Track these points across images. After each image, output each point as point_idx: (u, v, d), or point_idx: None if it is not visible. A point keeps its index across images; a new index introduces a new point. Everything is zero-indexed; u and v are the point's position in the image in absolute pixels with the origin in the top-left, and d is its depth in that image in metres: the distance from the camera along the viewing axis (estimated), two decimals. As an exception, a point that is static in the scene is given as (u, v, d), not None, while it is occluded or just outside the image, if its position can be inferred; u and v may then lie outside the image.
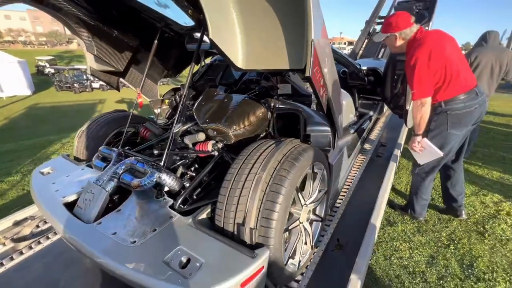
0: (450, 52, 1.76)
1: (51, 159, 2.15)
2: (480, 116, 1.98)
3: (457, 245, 2.14)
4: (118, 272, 1.11)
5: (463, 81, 1.81)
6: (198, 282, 0.99)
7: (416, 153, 2.07)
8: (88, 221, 1.41)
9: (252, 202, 1.19)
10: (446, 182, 2.42)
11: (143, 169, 1.50)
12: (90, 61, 2.33)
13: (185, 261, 1.10)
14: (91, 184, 1.54)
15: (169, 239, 1.21)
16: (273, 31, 1.24)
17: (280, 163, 1.26)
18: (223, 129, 1.67)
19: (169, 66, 2.73)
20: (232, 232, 1.24)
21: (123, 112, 2.56)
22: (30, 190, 1.77)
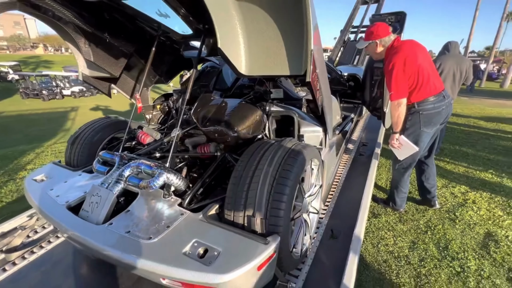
0: (422, 59, 2.02)
1: (43, 167, 2.11)
2: (447, 116, 2.27)
3: (433, 231, 2.40)
4: (139, 266, 1.16)
5: (433, 85, 2.08)
6: (219, 268, 1.08)
7: (395, 149, 2.31)
8: (97, 223, 1.43)
9: (261, 195, 1.30)
10: (421, 176, 2.70)
11: (150, 170, 1.55)
12: (82, 68, 2.33)
13: (202, 252, 1.18)
14: (96, 187, 1.57)
15: (184, 234, 1.29)
16: (274, 40, 1.38)
17: (284, 159, 1.39)
18: (225, 131, 1.77)
19: (162, 72, 2.78)
20: (242, 224, 1.34)
21: (116, 118, 2.57)
22: (27, 198, 1.74)
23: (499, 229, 2.42)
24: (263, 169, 1.36)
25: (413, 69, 1.99)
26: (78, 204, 1.61)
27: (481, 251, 2.15)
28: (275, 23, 1.34)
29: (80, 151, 2.15)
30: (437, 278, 1.89)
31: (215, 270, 1.07)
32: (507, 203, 2.84)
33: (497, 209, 2.74)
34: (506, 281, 1.86)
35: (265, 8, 1.32)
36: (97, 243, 1.29)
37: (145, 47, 2.37)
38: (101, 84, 2.55)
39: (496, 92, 13.78)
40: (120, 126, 2.43)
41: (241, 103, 2.01)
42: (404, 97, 2.04)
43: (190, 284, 1.12)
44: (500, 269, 1.97)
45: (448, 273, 1.93)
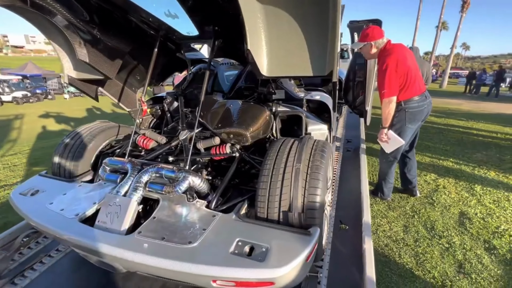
0: (410, 62, 2.28)
1: (29, 180, 1.88)
2: (427, 114, 2.56)
3: (419, 215, 2.69)
4: (186, 270, 1.11)
5: (417, 86, 2.35)
6: (273, 263, 1.10)
7: (383, 143, 2.55)
8: (121, 233, 1.35)
9: (296, 190, 1.35)
10: (404, 168, 2.99)
11: (174, 175, 1.50)
12: (68, 70, 2.14)
13: (248, 250, 1.19)
14: (111, 196, 1.46)
15: (223, 234, 1.27)
16: (296, 43, 1.45)
17: (312, 155, 1.46)
18: (242, 132, 1.78)
19: (154, 73, 2.66)
20: (277, 220, 1.37)
21: (107, 123, 2.39)
22: (23, 215, 1.55)
23: (469, 208, 2.81)
24: (293, 166, 1.41)
25: (404, 70, 2.23)
26: (88, 216, 1.49)
27: (460, 228, 2.48)
28: (298, 27, 1.41)
29: (73, 160, 1.97)
30: (432, 255, 2.13)
31: (270, 265, 1.09)
32: (469, 186, 3.31)
33: (463, 192, 3.18)
34: (485, 251, 2.18)
35: (290, 13, 1.38)
36: (132, 253, 1.21)
37: (139, 47, 2.26)
38: (88, 87, 2.37)
39: (437, 92, 15.74)
40: (113, 132, 2.27)
41: (251, 105, 2.04)
42: (395, 95, 2.27)
43: (244, 282, 1.12)
44: (478, 242, 2.29)
45: (439, 250, 2.19)
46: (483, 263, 2.04)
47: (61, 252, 1.95)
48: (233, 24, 1.89)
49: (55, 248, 1.98)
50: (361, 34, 2.43)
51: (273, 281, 1.09)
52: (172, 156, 1.89)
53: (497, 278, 1.90)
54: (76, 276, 1.79)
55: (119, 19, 1.87)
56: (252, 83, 2.50)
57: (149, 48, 2.23)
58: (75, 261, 1.89)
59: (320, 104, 2.36)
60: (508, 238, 2.32)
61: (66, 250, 1.97)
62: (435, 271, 1.97)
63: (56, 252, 1.95)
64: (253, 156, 1.81)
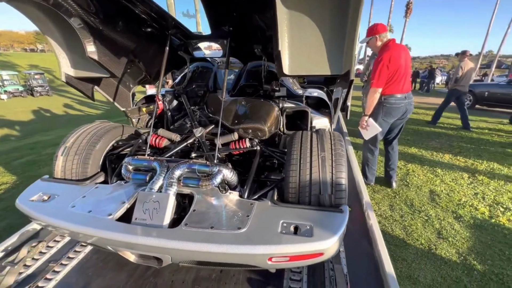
0: (403, 61, 2.60)
1: (32, 186, 1.76)
2: (405, 113, 2.85)
3: (399, 195, 3.11)
4: (245, 252, 1.21)
5: (401, 85, 2.68)
6: (321, 237, 1.26)
7: (363, 130, 2.86)
8: (163, 227, 1.39)
9: (325, 175, 1.52)
10: (387, 160, 3.36)
11: (208, 169, 1.57)
12: (65, 67, 2.05)
13: (293, 229, 1.34)
14: (146, 194, 1.49)
15: (266, 219, 1.39)
16: (317, 44, 1.62)
17: (333, 145, 1.65)
18: (261, 127, 1.90)
19: (153, 71, 2.62)
20: (308, 202, 1.53)
21: (108, 123, 2.30)
22: (43, 221, 1.48)
23: (436, 187, 3.32)
24: (319, 154, 1.59)
25: (395, 67, 2.55)
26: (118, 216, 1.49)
27: (432, 203, 2.93)
28: (318, 30, 1.58)
29: (81, 163, 1.89)
30: (416, 226, 2.52)
31: (319, 239, 1.25)
32: (432, 169, 3.88)
33: (428, 174, 3.72)
34: (454, 220, 2.64)
35: (311, 16, 1.54)
36: (188, 243, 1.26)
37: (144, 44, 2.24)
38: (85, 86, 2.27)
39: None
40: (118, 132, 2.21)
41: (261, 101, 2.17)
42: (381, 87, 2.60)
43: (297, 256, 1.26)
44: (448, 213, 2.76)
45: (421, 222, 2.59)
46: (455, 228, 2.48)
47: (73, 258, 1.86)
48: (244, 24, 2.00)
49: (65, 256, 1.89)
50: (368, 30, 2.74)
51: (322, 252, 1.25)
52: (195, 153, 1.94)
53: (467, 239, 2.34)
54: (100, 279, 1.74)
55: (131, 15, 1.84)
56: (254, 81, 2.62)
57: (152, 45, 2.21)
58: (93, 265, 1.82)
59: (318, 100, 2.59)
60: (469, 208, 2.83)
61: (78, 256, 1.89)
62: (421, 238, 2.34)
63: (68, 259, 1.86)
64: (272, 149, 1.95)
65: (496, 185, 3.39)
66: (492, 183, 3.43)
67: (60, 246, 1.98)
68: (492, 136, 5.74)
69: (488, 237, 2.36)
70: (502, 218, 2.65)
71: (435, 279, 1.88)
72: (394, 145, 3.20)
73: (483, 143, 5.25)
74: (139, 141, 2.14)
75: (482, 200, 3.01)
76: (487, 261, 2.07)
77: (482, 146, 5.01)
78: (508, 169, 3.90)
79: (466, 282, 1.86)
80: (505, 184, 3.40)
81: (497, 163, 4.12)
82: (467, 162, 4.18)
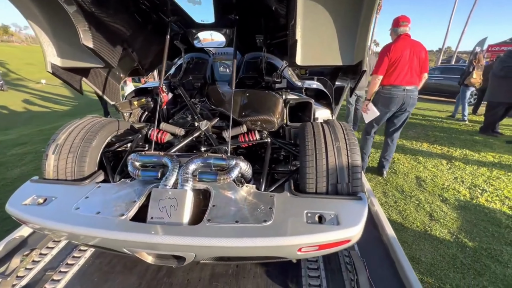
0: (406, 53, 2.73)
1: (21, 188, 1.58)
2: (402, 105, 2.93)
3: (389, 182, 3.27)
4: (275, 244, 1.19)
5: (400, 77, 2.80)
6: (347, 225, 1.28)
7: (364, 114, 3.03)
8: (184, 224, 1.32)
9: (342, 165, 1.55)
10: (383, 151, 3.49)
11: (225, 163, 1.52)
12: (51, 56, 1.86)
13: (317, 218, 1.34)
14: (161, 191, 1.40)
15: (289, 210, 1.38)
16: (329, 34, 1.62)
17: (346, 135, 1.68)
18: (271, 119, 1.88)
19: (146, 62, 2.46)
20: (326, 191, 1.55)
21: (101, 118, 2.14)
22: (46, 226, 1.34)
23: (421, 173, 3.55)
24: (333, 144, 1.60)
25: (395, 57, 2.72)
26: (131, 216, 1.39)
27: (420, 188, 3.13)
28: (331, 19, 1.58)
29: (77, 160, 1.73)
30: (410, 210, 2.67)
31: (346, 227, 1.27)
32: (415, 157, 4.13)
33: (412, 161, 3.96)
34: (442, 202, 2.84)
35: (325, 5, 1.53)
36: (216, 239, 1.22)
37: (139, 32, 2.09)
38: (72, 77, 2.08)
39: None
40: (114, 127, 2.06)
41: (266, 93, 2.13)
42: (381, 74, 2.79)
43: (326, 245, 1.27)
44: (435, 196, 2.96)
45: (413, 206, 2.75)
46: (444, 210, 2.67)
47: (72, 265, 1.72)
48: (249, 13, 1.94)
49: (63, 263, 1.74)
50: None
51: (350, 238, 1.28)
52: (204, 147, 1.86)
53: (455, 219, 2.53)
54: (108, 284, 1.62)
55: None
56: (253, 72, 2.56)
57: (149, 33, 2.08)
58: (97, 270, 1.70)
59: (317, 92, 2.61)
60: (452, 191, 3.07)
61: (79, 261, 1.74)
62: (416, 221, 2.49)
63: (68, 266, 1.71)
64: (281, 141, 1.93)
65: (471, 169, 3.70)
66: (468, 168, 3.74)
67: (54, 253, 1.81)
68: (460, 126, 6.24)
69: (472, 216, 2.57)
70: (481, 199, 2.90)
71: (435, 257, 2.02)
72: (394, 137, 3.29)
73: (453, 132, 5.69)
74: (139, 136, 2.01)
75: (462, 183, 3.27)
76: (475, 238, 2.26)
77: (453, 135, 5.44)
78: (478, 155, 4.27)
79: (462, 258, 2.02)
80: (478, 169, 3.73)
81: (468, 149, 4.50)
82: (443, 150, 4.51)
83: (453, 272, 1.88)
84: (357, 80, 1.81)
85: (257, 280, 1.60)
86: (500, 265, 1.96)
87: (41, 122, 9.01)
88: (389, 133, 3.32)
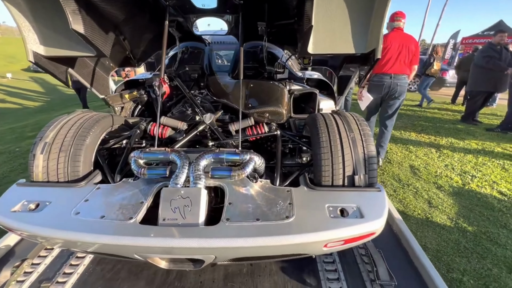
0: (395, 44, 2.85)
1: (6, 193, 1.41)
2: (388, 92, 3.10)
3: (386, 171, 3.32)
4: (301, 241, 1.13)
5: (388, 66, 2.96)
6: (371, 217, 1.24)
7: (359, 101, 3.12)
8: (200, 225, 1.23)
9: (358, 156, 1.50)
10: (379, 138, 3.55)
11: (239, 158, 1.43)
12: (33, 44, 1.66)
13: (339, 212, 1.30)
14: (173, 190, 1.30)
15: (309, 204, 1.32)
16: (341, 22, 1.55)
17: (360, 125, 1.63)
18: (280, 110, 1.80)
19: (138, 51, 2.28)
20: (342, 184, 1.51)
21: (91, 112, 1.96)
22: (37, 235, 1.20)
23: (413, 162, 3.64)
24: (348, 135, 1.56)
25: (384, 48, 2.74)
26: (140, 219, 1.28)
27: (416, 177, 3.21)
28: (345, 6, 1.52)
29: (70, 160, 1.56)
30: (409, 199, 2.72)
31: (371, 219, 1.23)
32: (405, 146, 4.24)
33: (404, 151, 4.06)
34: (437, 189, 2.92)
35: None
36: (240, 239, 1.13)
37: (133, 17, 1.91)
38: (57, 68, 1.89)
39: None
40: (108, 123, 1.89)
41: (271, 84, 2.04)
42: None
43: (351, 239, 1.23)
44: (430, 184, 3.05)
45: (412, 194, 2.81)
46: (440, 197, 2.75)
47: (71, 274, 1.57)
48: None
49: (59, 272, 1.58)
50: None
51: (375, 231, 1.24)
52: (209, 141, 1.75)
53: (452, 205, 2.62)
54: (113, 293, 1.50)
55: None
56: (253, 62, 2.46)
57: (143, 19, 1.91)
58: (100, 277, 1.56)
59: (319, 82, 2.56)
60: (445, 178, 3.17)
61: (77, 270, 1.60)
62: (417, 209, 2.54)
63: (66, 276, 1.56)
64: (290, 133, 1.86)
65: (459, 156, 3.85)
66: (456, 155, 3.89)
67: (48, 262, 1.65)
68: (442, 115, 6.50)
69: (467, 202, 2.67)
70: (472, 184, 3.02)
71: (440, 243, 2.07)
72: (388, 125, 3.42)
73: (437, 121, 5.92)
74: (137, 132, 1.85)
75: (453, 170, 3.40)
76: (473, 222, 2.34)
77: (438, 124, 5.65)
78: (463, 143, 4.46)
79: (464, 243, 2.09)
80: (465, 156, 3.89)
81: (453, 137, 4.69)
82: (431, 138, 4.67)
83: (459, 257, 1.94)
84: (369, 68, 1.77)
85: (274, 278, 1.55)
86: (499, 247, 2.04)
87: (11, 120, 8.33)
88: (382, 120, 3.45)
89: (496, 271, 1.83)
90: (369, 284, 1.50)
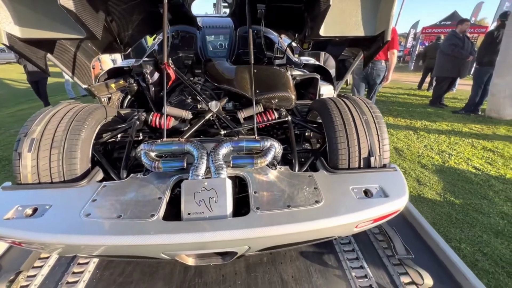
0: None
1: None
2: (369, 74, 3.48)
3: (374, 155, 3.48)
4: (335, 224, 1.13)
5: None
6: (395, 196, 1.27)
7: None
8: (228, 216, 1.17)
9: (372, 138, 1.52)
10: None
11: (259, 145, 1.37)
12: (6, 24, 1.43)
13: (363, 193, 1.32)
14: (195, 182, 1.22)
15: (335, 188, 1.32)
16: (351, 4, 1.54)
17: (369, 108, 1.66)
18: (288, 96, 1.75)
19: (125, 35, 2.06)
20: (358, 166, 1.53)
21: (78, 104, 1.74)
22: (44, 244, 1.07)
23: (397, 144, 3.85)
24: (361, 118, 1.57)
25: None
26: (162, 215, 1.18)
27: (402, 158, 3.40)
28: None
29: (64, 157, 1.39)
30: (400, 178, 2.89)
31: (395, 198, 1.27)
32: (388, 130, 4.45)
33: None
34: (422, 168, 3.13)
35: None
36: (276, 227, 1.10)
37: None
38: (35, 53, 1.65)
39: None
40: (101, 115, 1.69)
41: (275, 69, 1.99)
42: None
43: (379, 218, 1.25)
44: (415, 164, 3.25)
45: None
46: (426, 175, 2.96)
47: (76, 283, 1.42)
48: None
49: (62, 282, 1.42)
50: None
51: (400, 209, 1.28)
52: (215, 130, 1.66)
53: (438, 182, 2.82)
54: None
55: None
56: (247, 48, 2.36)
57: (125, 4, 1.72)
58: (111, 283, 1.43)
59: (316, 67, 2.55)
60: (427, 158, 3.41)
61: (83, 277, 1.45)
62: (409, 187, 2.70)
63: (71, 285, 1.41)
64: (300, 118, 1.84)
65: (434, 137, 4.16)
66: (431, 137, 4.19)
67: (45, 273, 1.48)
68: (412, 100, 6.94)
69: (450, 178, 2.90)
70: (451, 162, 3.29)
71: (435, 217, 2.22)
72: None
73: (409, 105, 6.31)
74: (136, 123, 1.70)
75: (432, 150, 3.66)
76: (458, 196, 2.55)
77: (410, 108, 6.03)
78: (435, 124, 4.82)
79: (455, 214, 2.27)
80: (439, 136, 4.21)
81: (426, 120, 5.04)
82: (407, 122, 4.97)
83: (453, 228, 2.10)
84: (374, 51, 1.79)
85: (296, 264, 1.54)
86: (484, 216, 2.25)
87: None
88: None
89: (486, 237, 2.02)
90: (386, 259, 1.56)
